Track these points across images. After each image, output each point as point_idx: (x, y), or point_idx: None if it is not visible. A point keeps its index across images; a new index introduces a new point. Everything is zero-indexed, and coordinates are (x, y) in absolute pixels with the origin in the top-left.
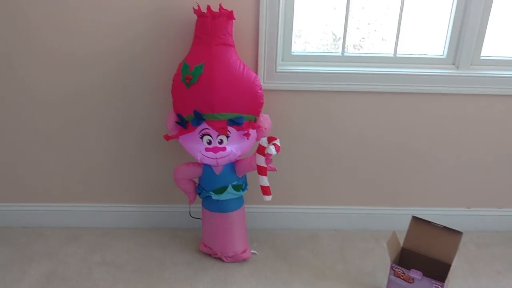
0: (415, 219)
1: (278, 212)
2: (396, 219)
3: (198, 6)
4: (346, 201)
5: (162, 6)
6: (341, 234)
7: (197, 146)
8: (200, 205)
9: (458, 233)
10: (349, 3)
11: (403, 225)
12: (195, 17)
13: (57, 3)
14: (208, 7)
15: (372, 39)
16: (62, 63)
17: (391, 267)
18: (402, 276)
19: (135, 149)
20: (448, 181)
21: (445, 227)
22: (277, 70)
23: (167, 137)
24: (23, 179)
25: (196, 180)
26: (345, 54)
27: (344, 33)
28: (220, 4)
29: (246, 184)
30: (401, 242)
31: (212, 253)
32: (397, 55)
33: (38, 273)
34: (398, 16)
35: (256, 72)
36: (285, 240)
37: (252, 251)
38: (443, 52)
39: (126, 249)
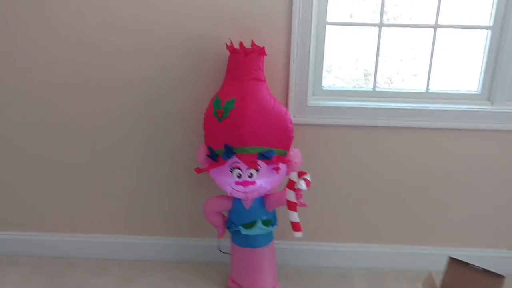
0: (452, 260)
1: (308, 249)
2: (431, 259)
3: (231, 42)
4: (379, 239)
5: (197, 42)
6: (373, 273)
7: (227, 180)
8: (229, 239)
9: (499, 277)
10: (380, 39)
11: (439, 265)
12: (228, 52)
13: (92, 33)
14: (241, 43)
15: (403, 74)
16: (95, 93)
17: None
18: None
19: (166, 181)
20: (486, 221)
21: (485, 270)
22: (308, 104)
23: (198, 170)
24: (57, 209)
25: (226, 214)
26: (376, 89)
27: (375, 68)
28: (252, 40)
29: (276, 219)
30: (437, 283)
31: None
32: (429, 91)
33: None
34: (430, 51)
35: (287, 107)
36: (316, 278)
37: None
38: (477, 88)
39: (153, 282)
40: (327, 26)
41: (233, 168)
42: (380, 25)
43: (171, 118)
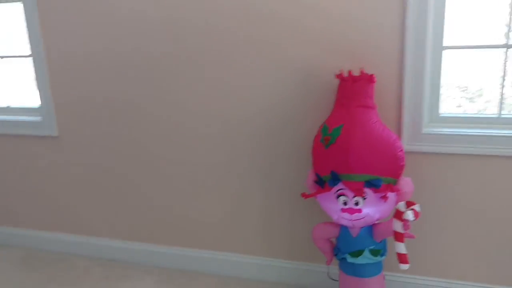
0: None
1: (423, 284)
2: None
3: (341, 71)
4: (505, 280)
5: (307, 73)
6: None
7: (334, 206)
8: (338, 270)
9: None
10: (506, 61)
11: None
12: (337, 81)
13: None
14: (349, 72)
15: None
16: (219, 129)
17: None
18: None
19: (278, 205)
20: None
21: None
22: (423, 132)
23: (305, 195)
24: (185, 227)
25: (334, 241)
26: (502, 116)
27: (501, 93)
28: (361, 69)
29: (385, 250)
30: None
31: None
32: None
33: None
34: None
35: (400, 134)
36: None
37: None
38: None
39: None
40: (446, 50)
41: (339, 195)
42: (507, 46)
43: (283, 145)
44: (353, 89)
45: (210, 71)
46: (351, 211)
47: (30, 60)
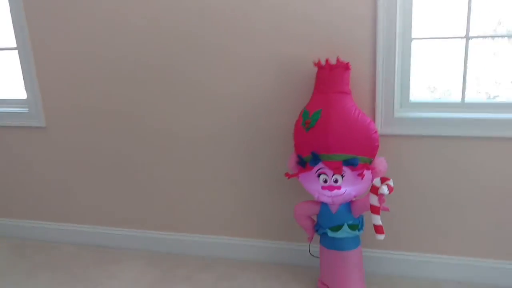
0: None
1: (398, 259)
2: None
3: (319, 59)
4: (473, 251)
5: (286, 62)
6: (466, 286)
7: (315, 185)
8: (319, 245)
9: None
10: (467, 51)
11: None
12: (315, 69)
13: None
14: (327, 60)
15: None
16: (207, 107)
17: None
18: None
19: (261, 188)
20: None
21: None
22: (395, 116)
23: (288, 175)
24: (171, 211)
25: (315, 218)
26: (465, 101)
27: (463, 78)
28: (337, 57)
29: (362, 225)
30: None
31: None
32: None
33: None
34: None
35: (374, 118)
36: (405, 287)
37: None
38: None
39: (250, 280)
40: (417, 40)
41: (320, 174)
42: (467, 37)
43: (266, 130)
44: (330, 77)
45: (196, 61)
46: (331, 188)
47: (16, 53)
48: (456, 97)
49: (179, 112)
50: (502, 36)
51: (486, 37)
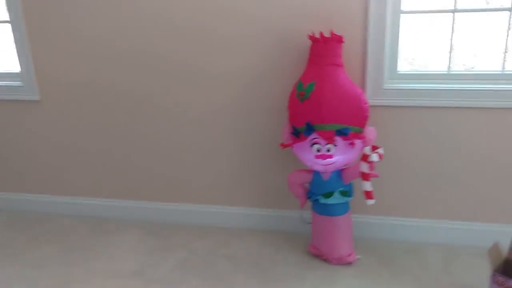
0: None
1: (384, 223)
2: (502, 236)
3: (313, 32)
4: (451, 215)
5: (282, 34)
6: (448, 248)
7: (308, 154)
8: (311, 211)
9: None
10: (454, 24)
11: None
12: (310, 42)
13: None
14: (321, 33)
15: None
16: (198, 81)
17: (492, 276)
18: (503, 285)
19: (254, 158)
20: None
21: None
22: (384, 87)
23: (283, 145)
24: (168, 183)
25: (307, 186)
26: (451, 72)
27: (450, 51)
28: (331, 31)
29: (352, 192)
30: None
31: (320, 254)
32: (505, 72)
33: (175, 260)
34: (505, 33)
35: (364, 90)
36: (391, 250)
37: (357, 256)
38: None
39: (245, 247)
40: (405, 14)
41: (313, 143)
42: (454, 11)
43: (261, 101)
44: (324, 49)
45: (192, 39)
46: (324, 156)
47: (9, 26)
48: (443, 68)
49: (176, 87)
50: (487, 10)
51: (470, 11)
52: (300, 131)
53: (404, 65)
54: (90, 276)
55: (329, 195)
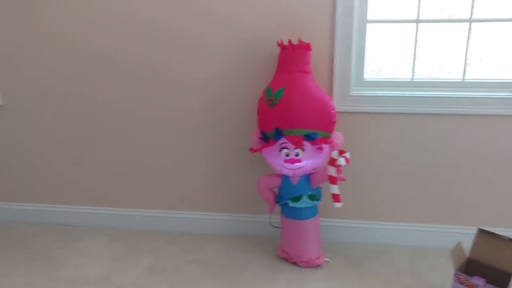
0: (482, 231)
1: (352, 227)
2: (466, 238)
3: (282, 40)
4: (417, 218)
5: (251, 41)
6: (413, 250)
7: (277, 159)
8: (280, 216)
9: None
10: (417, 34)
11: None
12: (279, 49)
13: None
14: (289, 41)
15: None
16: (172, 90)
17: (455, 274)
18: (465, 283)
19: (223, 163)
20: None
21: (510, 239)
22: (350, 94)
23: (252, 150)
24: (140, 190)
25: (276, 191)
26: (414, 80)
27: (413, 60)
28: (299, 38)
29: (320, 195)
30: (466, 251)
31: (289, 257)
32: (465, 80)
33: (143, 266)
34: (466, 42)
35: (331, 96)
36: (358, 252)
37: (325, 259)
38: None
39: (214, 251)
40: (371, 24)
41: (282, 148)
42: (417, 21)
43: (230, 107)
44: (292, 56)
45: (161, 45)
46: (292, 161)
47: None
48: (407, 76)
49: (143, 94)
50: (449, 21)
51: (433, 21)
52: (269, 136)
53: (371, 73)
54: (55, 284)
55: (297, 199)
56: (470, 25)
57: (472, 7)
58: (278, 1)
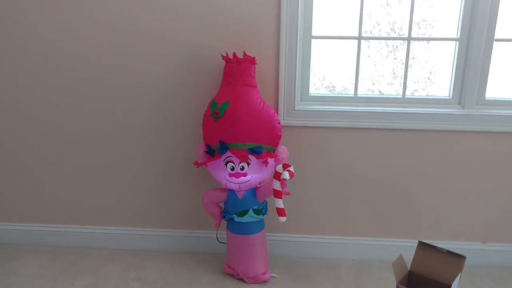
0: (421, 244)
1: (300, 241)
2: (409, 251)
3: (226, 53)
4: (363, 232)
5: (196, 54)
6: (358, 264)
7: (222, 173)
8: (226, 231)
9: (461, 257)
10: (359, 50)
11: None
12: (224, 62)
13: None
14: (234, 54)
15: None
16: (110, 96)
17: (397, 287)
18: None
19: (168, 178)
20: (462, 216)
21: (449, 252)
22: (296, 108)
23: (197, 164)
24: (74, 205)
25: (222, 206)
26: (358, 95)
27: (356, 77)
28: (244, 52)
29: (266, 210)
30: (407, 263)
31: (235, 273)
32: (406, 96)
33: (82, 285)
34: (405, 59)
35: (277, 110)
36: (305, 267)
37: (272, 274)
38: (449, 93)
39: (158, 269)
40: (316, 40)
41: (227, 162)
42: (359, 38)
43: (174, 120)
44: (238, 70)
45: (103, 49)
46: (237, 175)
47: None
48: (350, 92)
49: (81, 101)
50: (388, 39)
51: (373, 38)
52: (215, 149)
53: (324, 89)
54: None
55: (243, 213)
56: (408, 43)
57: (410, 27)
58: (224, 14)
